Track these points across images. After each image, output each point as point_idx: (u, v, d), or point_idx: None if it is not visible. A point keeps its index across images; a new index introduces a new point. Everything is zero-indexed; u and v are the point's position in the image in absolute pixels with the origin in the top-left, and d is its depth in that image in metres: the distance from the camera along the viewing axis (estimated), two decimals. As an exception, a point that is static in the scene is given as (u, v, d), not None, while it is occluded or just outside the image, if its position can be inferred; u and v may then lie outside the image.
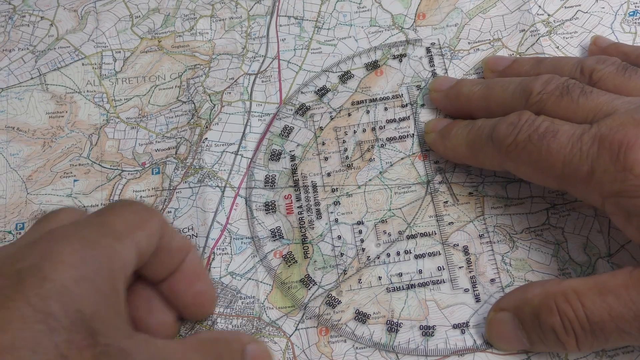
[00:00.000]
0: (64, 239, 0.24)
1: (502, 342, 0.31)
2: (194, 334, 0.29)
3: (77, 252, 0.24)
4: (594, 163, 0.27)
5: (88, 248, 0.24)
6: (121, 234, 0.26)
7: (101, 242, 0.25)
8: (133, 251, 0.26)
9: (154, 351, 0.24)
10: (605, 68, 0.32)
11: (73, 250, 0.24)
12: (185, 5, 0.41)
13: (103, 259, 0.24)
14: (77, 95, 0.39)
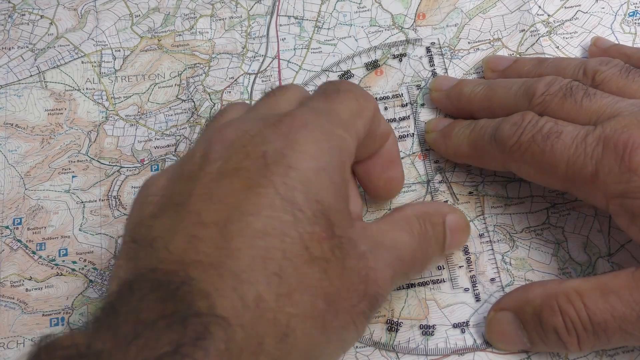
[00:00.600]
0: (304, 127, 0.24)
1: (502, 342, 0.31)
2: (396, 211, 0.29)
3: (317, 143, 0.24)
4: (599, 164, 0.27)
5: (325, 139, 0.24)
6: (348, 123, 0.26)
7: (335, 133, 0.25)
8: (355, 141, 0.26)
9: (370, 236, 0.25)
10: (608, 70, 0.32)
11: (313, 140, 0.24)
12: (186, 4, 0.41)
13: (336, 150, 0.25)
14: (76, 92, 0.39)
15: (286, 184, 0.22)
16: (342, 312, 0.22)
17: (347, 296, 0.22)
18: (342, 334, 0.23)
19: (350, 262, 0.23)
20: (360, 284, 0.23)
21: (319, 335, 0.21)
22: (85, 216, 0.35)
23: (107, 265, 0.34)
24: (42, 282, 0.34)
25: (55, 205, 0.36)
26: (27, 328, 0.33)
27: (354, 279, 0.23)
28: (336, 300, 0.22)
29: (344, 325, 0.23)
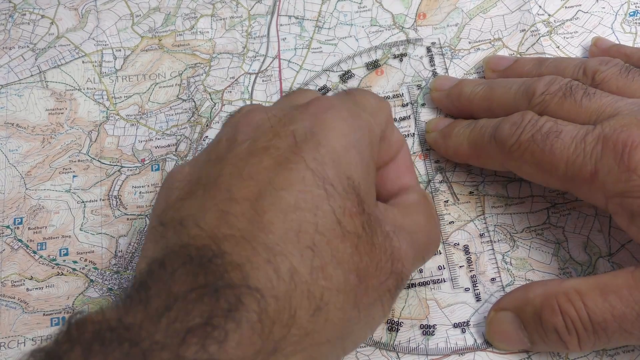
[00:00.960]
0: (332, 107, 0.25)
1: (502, 341, 0.31)
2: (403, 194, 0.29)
3: (344, 121, 0.24)
4: (598, 163, 0.27)
5: (353, 118, 0.25)
6: (372, 111, 0.27)
7: (361, 115, 0.26)
8: (379, 129, 0.27)
9: (392, 218, 0.25)
10: (608, 69, 0.32)
11: (341, 118, 0.24)
12: (186, 4, 0.41)
13: (364, 130, 0.25)
14: (77, 92, 0.39)
15: (316, 160, 0.22)
16: (371, 289, 0.23)
17: (375, 273, 0.23)
18: (371, 311, 0.23)
19: (377, 239, 0.23)
20: (387, 261, 0.23)
21: (351, 310, 0.22)
22: (85, 216, 0.35)
23: (107, 265, 0.34)
24: (43, 281, 0.34)
25: (56, 205, 0.36)
26: (28, 328, 0.33)
27: (382, 256, 0.23)
28: (366, 276, 0.22)
29: (372, 302, 0.23)
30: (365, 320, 0.23)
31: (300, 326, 0.20)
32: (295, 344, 0.20)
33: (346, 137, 0.24)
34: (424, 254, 0.28)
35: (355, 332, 0.23)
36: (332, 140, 0.23)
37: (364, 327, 0.23)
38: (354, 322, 0.22)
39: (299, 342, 0.20)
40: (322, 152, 0.23)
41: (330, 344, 0.21)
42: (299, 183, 0.22)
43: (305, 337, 0.20)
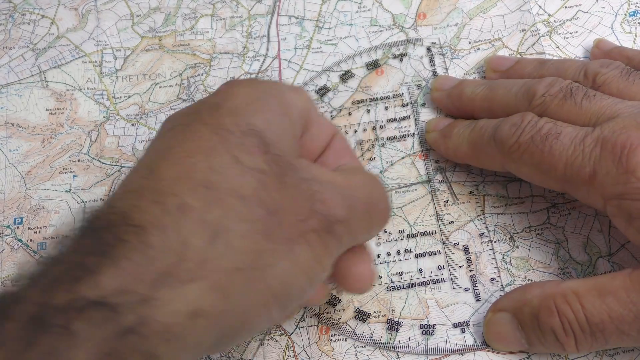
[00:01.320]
0: (240, 82, 0.26)
1: (500, 342, 0.31)
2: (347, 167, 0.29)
3: (251, 85, 0.25)
4: (596, 165, 0.27)
5: (259, 83, 0.26)
6: (287, 89, 0.27)
7: (269, 83, 0.27)
8: (299, 104, 0.27)
9: (316, 171, 0.25)
10: (609, 72, 0.32)
11: (248, 84, 0.25)
12: (186, 4, 0.41)
13: (273, 91, 0.26)
14: (77, 92, 0.39)
15: (213, 117, 0.23)
16: (286, 224, 0.22)
17: (290, 209, 0.22)
18: (293, 247, 0.22)
19: (290, 179, 0.23)
20: (305, 200, 0.23)
21: (262, 240, 0.21)
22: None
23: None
24: (43, 281, 0.34)
25: (56, 204, 0.36)
26: (29, 327, 0.33)
27: (296, 194, 0.23)
28: (277, 210, 0.22)
29: (292, 237, 0.22)
30: (288, 257, 0.22)
31: (195, 253, 0.20)
32: (191, 271, 0.20)
33: (248, 94, 0.25)
34: (365, 212, 0.26)
35: (278, 266, 0.22)
36: (233, 100, 0.24)
37: (291, 266, 0.22)
38: (271, 255, 0.22)
39: (196, 268, 0.20)
40: (220, 111, 0.24)
41: (242, 273, 0.21)
42: (193, 137, 0.22)
43: (203, 264, 0.20)
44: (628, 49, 0.36)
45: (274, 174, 0.23)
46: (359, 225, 0.26)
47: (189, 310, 0.20)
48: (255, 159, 0.22)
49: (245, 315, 0.22)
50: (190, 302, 0.20)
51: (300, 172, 0.24)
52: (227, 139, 0.22)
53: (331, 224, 0.24)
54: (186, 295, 0.20)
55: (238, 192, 0.22)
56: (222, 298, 0.21)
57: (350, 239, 0.25)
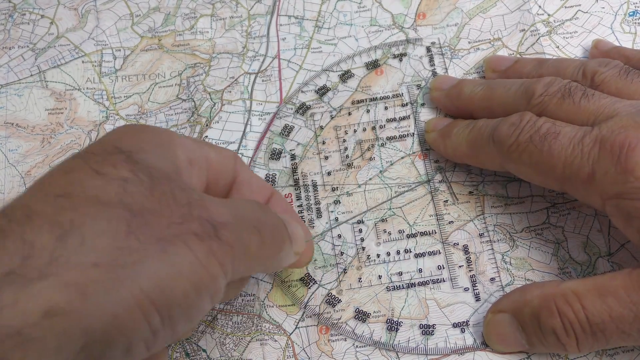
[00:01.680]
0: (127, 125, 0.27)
1: (500, 343, 0.31)
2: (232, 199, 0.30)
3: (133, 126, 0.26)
4: (595, 165, 0.27)
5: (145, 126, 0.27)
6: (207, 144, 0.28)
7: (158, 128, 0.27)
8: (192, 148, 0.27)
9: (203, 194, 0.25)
10: (607, 71, 0.32)
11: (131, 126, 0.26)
12: (186, 4, 0.41)
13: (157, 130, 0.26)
14: (77, 92, 0.39)
15: (85, 148, 0.24)
16: (156, 224, 0.22)
17: (161, 212, 0.22)
18: (166, 247, 0.22)
19: (164, 187, 0.23)
20: (181, 206, 0.23)
21: (124, 237, 0.21)
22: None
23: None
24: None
25: (55, 204, 0.36)
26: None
27: (170, 200, 0.23)
28: (143, 212, 0.22)
29: (164, 237, 0.22)
30: (161, 257, 0.21)
31: (43, 251, 0.20)
32: (39, 269, 0.19)
33: (126, 131, 0.25)
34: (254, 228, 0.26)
35: (146, 265, 0.21)
36: (110, 135, 0.25)
37: (166, 268, 0.22)
38: (136, 252, 0.21)
39: (45, 265, 0.19)
40: (93, 144, 0.24)
41: (101, 269, 0.20)
42: (60, 166, 0.23)
43: (54, 261, 0.20)
44: (626, 49, 0.36)
45: (140, 181, 0.22)
46: (250, 237, 0.25)
47: (42, 309, 0.19)
48: (119, 171, 0.22)
49: (116, 319, 0.20)
50: (43, 301, 0.19)
51: (178, 184, 0.24)
52: (89, 159, 0.23)
53: (215, 229, 0.23)
54: (37, 294, 0.19)
55: (97, 199, 0.21)
56: (81, 295, 0.20)
57: (243, 251, 0.24)
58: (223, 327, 0.33)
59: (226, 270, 0.23)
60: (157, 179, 0.23)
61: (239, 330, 0.33)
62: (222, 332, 0.33)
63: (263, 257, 0.27)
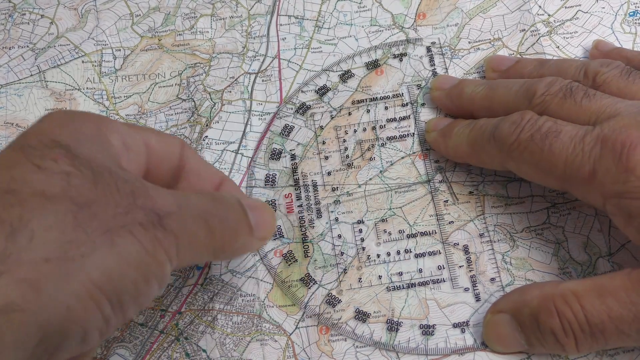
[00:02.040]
0: (56, 111, 0.27)
1: (499, 344, 0.31)
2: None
3: (64, 112, 0.26)
4: (596, 164, 0.27)
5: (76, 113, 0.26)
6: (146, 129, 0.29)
7: (91, 114, 0.27)
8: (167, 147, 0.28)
9: (145, 182, 0.25)
10: (609, 71, 0.32)
11: (61, 112, 0.26)
12: (186, 4, 0.41)
13: (91, 117, 0.26)
14: (77, 92, 0.39)
15: (19, 139, 0.24)
16: (102, 216, 0.22)
17: (106, 203, 0.23)
18: (113, 239, 0.22)
19: (105, 179, 0.23)
20: (124, 196, 0.23)
21: (72, 231, 0.22)
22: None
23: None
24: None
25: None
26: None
27: (113, 191, 0.23)
28: (89, 204, 0.22)
29: (110, 228, 0.22)
30: (108, 247, 0.22)
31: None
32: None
33: (59, 119, 0.25)
34: (201, 218, 0.26)
35: (95, 256, 0.22)
36: (42, 123, 0.25)
37: (113, 257, 0.22)
38: (84, 245, 0.22)
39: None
40: (27, 134, 0.24)
41: (52, 263, 0.21)
42: (3, 159, 0.23)
43: (5, 259, 0.20)
44: (627, 50, 0.36)
45: (82, 175, 0.23)
46: (195, 227, 0.25)
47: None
48: (61, 165, 0.23)
49: (70, 311, 0.21)
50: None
51: (121, 175, 0.24)
52: (29, 153, 0.23)
53: (160, 218, 0.24)
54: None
55: (42, 193, 0.22)
56: (34, 290, 0.20)
57: (188, 240, 0.25)
58: (223, 328, 0.33)
59: (171, 258, 0.24)
60: (99, 171, 0.23)
61: (239, 330, 0.33)
62: (222, 332, 0.33)
63: (213, 247, 0.27)
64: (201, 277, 0.34)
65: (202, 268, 0.34)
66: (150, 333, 0.33)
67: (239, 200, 0.29)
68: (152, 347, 0.33)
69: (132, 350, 0.33)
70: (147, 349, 0.32)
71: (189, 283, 0.34)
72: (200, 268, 0.34)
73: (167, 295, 0.34)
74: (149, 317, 0.33)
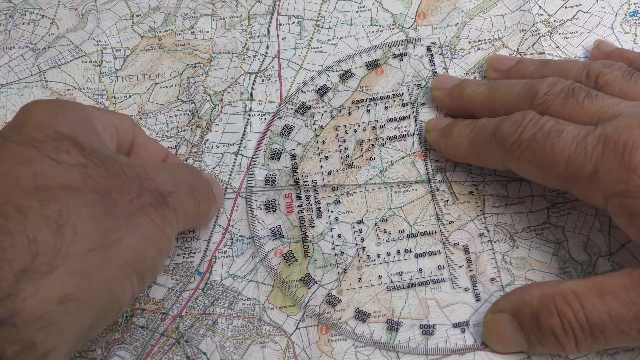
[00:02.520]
0: (35, 101, 0.28)
1: (499, 343, 0.31)
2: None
3: (48, 102, 0.28)
4: (598, 163, 0.27)
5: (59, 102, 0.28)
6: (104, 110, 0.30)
7: (71, 102, 0.29)
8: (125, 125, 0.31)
9: (138, 161, 0.27)
10: (611, 73, 0.32)
11: (45, 102, 0.28)
12: (186, 4, 0.41)
13: (73, 105, 0.28)
14: (77, 92, 0.39)
15: (21, 134, 0.25)
16: (122, 202, 0.25)
17: (121, 190, 0.25)
18: (135, 220, 0.25)
19: (113, 166, 0.25)
20: (133, 181, 0.26)
21: (104, 219, 0.24)
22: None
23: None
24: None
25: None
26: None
27: (123, 177, 0.25)
28: (110, 191, 0.25)
29: (132, 212, 0.25)
30: (134, 230, 0.25)
31: (46, 246, 0.22)
32: (47, 263, 0.22)
33: (48, 110, 0.26)
34: (189, 191, 0.30)
35: (126, 240, 0.24)
36: (35, 116, 0.26)
37: (140, 239, 0.25)
38: (117, 230, 0.24)
39: (51, 259, 0.22)
40: (26, 128, 0.25)
41: (95, 253, 0.23)
42: (7, 155, 0.24)
43: (57, 254, 0.22)
44: (629, 51, 0.36)
45: (95, 165, 0.25)
46: (188, 201, 0.29)
47: (57, 297, 0.22)
48: (74, 157, 0.24)
49: (112, 292, 0.24)
50: (56, 290, 0.22)
51: (121, 160, 0.26)
52: (42, 147, 0.24)
53: (164, 197, 0.27)
54: (51, 285, 0.22)
55: (68, 186, 0.23)
56: (85, 279, 0.23)
57: (183, 213, 0.28)
58: (224, 331, 0.33)
59: (174, 231, 0.28)
60: (104, 159, 0.25)
61: (239, 333, 0.33)
62: (222, 336, 0.33)
63: (198, 216, 0.31)
64: (202, 282, 0.34)
65: (202, 273, 0.34)
66: (151, 335, 0.33)
67: (209, 174, 0.33)
68: (153, 350, 0.33)
69: (133, 352, 0.33)
70: (147, 352, 0.33)
71: (190, 287, 0.34)
72: (201, 273, 0.34)
73: (168, 299, 0.34)
74: (149, 319, 0.33)
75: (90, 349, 0.33)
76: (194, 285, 0.34)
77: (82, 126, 0.27)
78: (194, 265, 0.34)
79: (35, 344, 0.21)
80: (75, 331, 0.23)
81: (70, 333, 0.23)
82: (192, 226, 0.34)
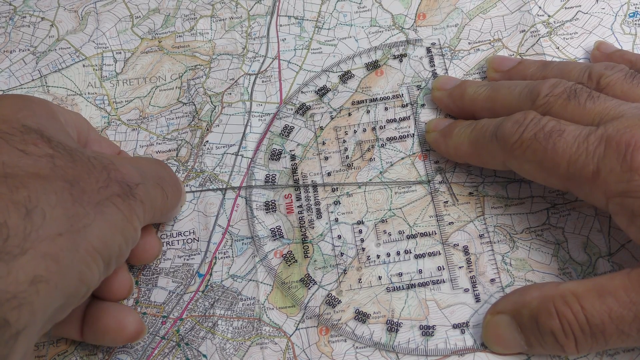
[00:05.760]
0: (3, 96, 0.29)
1: (499, 345, 0.31)
2: None
3: (14, 97, 0.29)
4: (600, 163, 0.28)
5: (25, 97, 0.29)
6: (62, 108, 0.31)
7: (35, 98, 0.30)
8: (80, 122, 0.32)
9: (105, 154, 0.29)
10: (613, 74, 0.32)
11: (11, 96, 0.29)
12: (186, 5, 0.41)
13: (38, 100, 0.29)
14: (78, 97, 0.39)
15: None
16: (90, 191, 0.26)
17: (89, 179, 0.26)
18: (103, 210, 0.26)
19: (80, 157, 0.27)
20: (100, 171, 0.27)
21: (72, 206, 0.25)
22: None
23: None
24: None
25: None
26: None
27: (90, 167, 0.27)
28: (77, 180, 0.26)
29: (99, 201, 0.26)
30: (101, 218, 0.26)
31: (16, 230, 0.23)
32: (18, 245, 0.23)
33: (14, 104, 0.28)
34: (156, 184, 0.31)
35: (94, 226, 0.25)
36: (1, 110, 0.27)
37: (107, 226, 0.26)
38: (85, 217, 0.25)
39: (22, 242, 0.23)
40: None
41: (64, 237, 0.24)
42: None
43: (27, 237, 0.23)
44: (630, 53, 0.36)
45: (63, 156, 0.26)
46: (155, 193, 0.30)
47: (28, 278, 0.23)
48: (42, 149, 0.26)
49: (81, 274, 0.25)
50: (28, 271, 0.23)
51: (87, 153, 0.27)
52: (10, 139, 0.25)
53: (130, 189, 0.28)
54: (22, 266, 0.23)
55: (37, 175, 0.25)
56: (55, 262, 0.24)
57: (150, 204, 0.29)
58: (224, 333, 0.33)
59: (141, 221, 0.29)
60: (71, 151, 0.27)
61: (239, 335, 0.33)
62: (222, 338, 0.33)
63: (166, 208, 0.32)
64: (202, 284, 0.34)
65: (203, 275, 0.35)
66: (152, 339, 0.33)
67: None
68: (153, 353, 0.33)
69: (134, 355, 0.33)
70: (148, 355, 0.33)
71: (190, 290, 0.34)
72: (201, 275, 0.34)
73: (169, 302, 0.34)
74: (150, 323, 0.33)
75: (91, 352, 0.33)
76: (194, 287, 0.34)
77: (48, 120, 0.28)
78: (195, 267, 0.35)
79: (9, 323, 0.22)
80: (45, 311, 0.24)
81: (41, 313, 0.24)
82: (160, 219, 0.35)
